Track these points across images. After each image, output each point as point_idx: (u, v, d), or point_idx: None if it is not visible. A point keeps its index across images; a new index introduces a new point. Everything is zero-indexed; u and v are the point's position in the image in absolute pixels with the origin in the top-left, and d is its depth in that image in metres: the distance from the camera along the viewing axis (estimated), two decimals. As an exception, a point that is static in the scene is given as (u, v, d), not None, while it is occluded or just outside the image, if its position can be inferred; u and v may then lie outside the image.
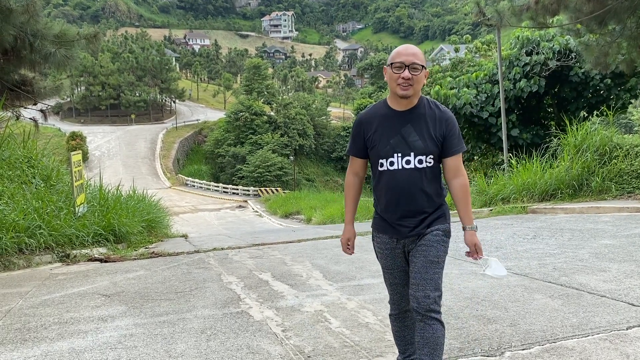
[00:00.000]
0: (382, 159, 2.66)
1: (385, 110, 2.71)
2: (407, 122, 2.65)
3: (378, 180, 2.72)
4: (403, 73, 2.58)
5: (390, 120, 2.67)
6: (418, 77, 2.60)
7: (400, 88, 2.60)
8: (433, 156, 2.64)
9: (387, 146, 2.64)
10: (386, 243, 2.76)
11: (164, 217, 13.23)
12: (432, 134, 2.63)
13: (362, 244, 7.90)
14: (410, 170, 2.62)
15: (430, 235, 2.65)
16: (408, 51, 2.63)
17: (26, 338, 3.85)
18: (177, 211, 30.70)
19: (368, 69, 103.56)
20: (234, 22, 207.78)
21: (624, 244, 6.15)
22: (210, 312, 4.38)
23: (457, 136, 2.68)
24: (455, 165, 2.70)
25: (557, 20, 13.81)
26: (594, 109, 17.39)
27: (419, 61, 2.59)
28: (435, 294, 2.59)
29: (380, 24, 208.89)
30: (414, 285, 2.62)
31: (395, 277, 2.79)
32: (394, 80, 2.61)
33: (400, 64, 2.59)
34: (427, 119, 2.65)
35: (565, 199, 10.05)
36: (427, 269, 2.61)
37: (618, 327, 3.58)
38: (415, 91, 2.61)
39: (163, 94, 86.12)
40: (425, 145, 2.61)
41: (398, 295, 2.83)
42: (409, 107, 2.67)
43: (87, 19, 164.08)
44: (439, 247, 2.65)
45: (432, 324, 2.56)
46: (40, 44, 9.41)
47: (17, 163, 9.03)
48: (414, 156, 2.61)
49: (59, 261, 6.90)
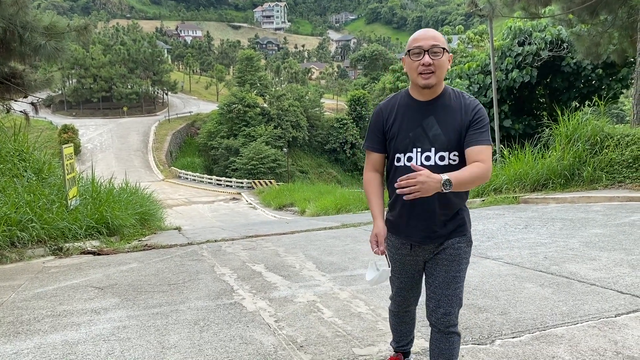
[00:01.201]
0: (400, 153, 2.40)
1: (406, 100, 2.46)
2: (429, 113, 2.39)
3: (393, 177, 2.42)
4: (423, 59, 2.31)
5: (412, 111, 2.42)
6: (440, 62, 2.32)
7: (421, 77, 2.33)
8: (457, 153, 2.36)
9: (406, 139, 2.38)
10: (397, 247, 2.55)
11: (157, 209, 13.21)
12: (456, 126, 2.35)
13: (354, 234, 7.96)
14: (430, 167, 2.29)
15: (452, 249, 2.42)
16: (426, 35, 2.35)
17: (19, 331, 3.86)
18: (171, 204, 30.64)
19: (361, 60, 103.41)
20: (226, 14, 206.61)
21: (614, 233, 6.21)
22: (204, 304, 4.39)
23: (484, 127, 2.36)
24: (479, 151, 2.31)
25: (549, 11, 13.82)
26: (586, 99, 17.48)
27: (439, 43, 2.31)
28: (456, 309, 2.43)
29: (373, 15, 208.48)
30: (433, 300, 2.44)
31: (402, 281, 2.62)
32: (413, 69, 2.35)
33: (419, 49, 2.31)
34: (452, 110, 2.38)
35: (557, 188, 10.12)
36: (448, 285, 2.41)
37: (607, 315, 3.63)
38: (438, 79, 2.34)
39: (155, 86, 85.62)
40: (448, 139, 2.34)
41: (401, 298, 2.68)
42: (431, 97, 2.40)
43: (78, 10, 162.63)
44: (461, 261, 2.43)
45: (450, 337, 2.45)
46: (30, 36, 9.33)
47: (8, 156, 8.97)
48: (434, 152, 2.34)
49: (52, 254, 6.89)
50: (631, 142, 9.71)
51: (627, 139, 9.83)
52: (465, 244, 2.45)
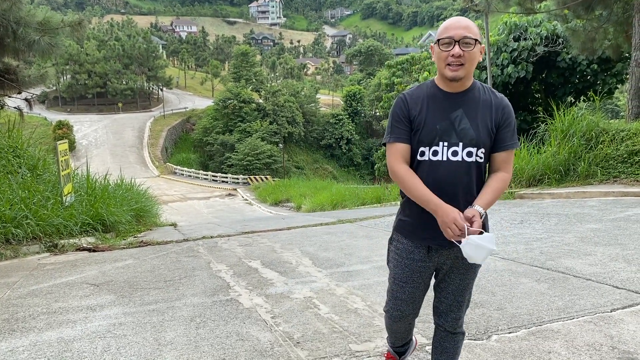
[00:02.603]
0: (425, 146, 2.23)
1: (433, 91, 2.30)
2: (458, 106, 2.24)
3: (414, 172, 2.28)
4: (453, 50, 2.17)
5: (440, 102, 2.26)
6: (471, 54, 2.18)
7: (449, 69, 2.19)
8: (484, 150, 2.24)
9: (433, 132, 2.22)
10: (409, 251, 2.34)
11: (153, 206, 13.18)
12: (487, 122, 2.23)
13: (350, 230, 7.96)
14: (457, 163, 2.20)
15: None
16: (458, 24, 2.19)
17: (14, 328, 3.84)
18: (166, 200, 30.58)
19: (357, 56, 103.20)
20: (221, 9, 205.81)
21: (609, 228, 6.23)
22: (200, 300, 4.38)
23: (512, 129, 2.28)
24: (504, 160, 2.27)
25: (544, 6, 13.82)
26: (581, 94, 17.53)
27: (471, 34, 2.16)
28: (466, 311, 2.44)
29: (368, 10, 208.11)
30: (444, 305, 2.40)
31: (405, 292, 2.39)
32: (442, 59, 2.21)
33: (449, 39, 2.17)
34: (483, 106, 2.25)
35: (552, 184, 10.14)
36: (462, 292, 2.37)
37: (603, 310, 3.64)
38: (467, 72, 2.21)
39: (150, 82, 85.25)
40: (477, 135, 2.21)
41: (398, 313, 2.45)
42: (460, 90, 2.26)
43: (72, 6, 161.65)
44: (476, 268, 2.36)
45: (456, 337, 2.45)
46: (23, 32, 9.27)
47: (2, 153, 8.93)
48: (462, 147, 2.20)
49: (47, 251, 6.86)
50: (626, 137, 9.75)
51: (622, 134, 9.86)
52: None
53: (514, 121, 2.30)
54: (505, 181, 2.26)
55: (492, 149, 2.27)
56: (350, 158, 67.14)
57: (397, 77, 56.06)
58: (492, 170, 2.31)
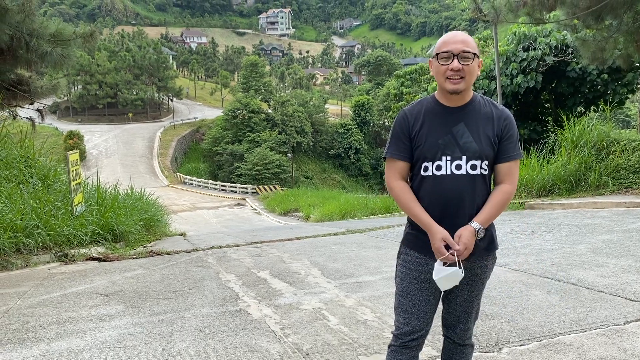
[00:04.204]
0: (428, 161, 2.24)
1: (433, 106, 2.31)
2: (459, 120, 2.26)
3: (418, 188, 2.30)
4: (451, 64, 2.19)
5: (440, 117, 2.28)
6: (470, 68, 2.20)
7: (449, 82, 2.21)
8: (488, 162, 2.25)
9: (435, 147, 2.24)
10: (418, 264, 2.32)
11: (162, 215, 13.23)
12: (488, 134, 2.25)
13: (360, 240, 7.94)
14: (461, 177, 2.22)
15: (479, 268, 2.31)
16: (456, 38, 2.23)
17: (24, 338, 3.85)
18: (176, 209, 30.67)
19: (365, 66, 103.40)
20: (230, 20, 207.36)
21: (621, 239, 6.16)
22: (209, 311, 4.38)
23: (514, 140, 2.29)
24: (507, 171, 2.29)
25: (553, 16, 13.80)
26: (591, 104, 17.43)
27: (469, 49, 2.20)
28: (474, 323, 2.44)
29: (377, 21, 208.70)
30: (453, 317, 2.39)
31: (415, 305, 2.32)
32: (441, 73, 2.23)
33: (448, 54, 2.20)
34: (484, 118, 2.27)
35: (563, 194, 10.07)
36: (471, 303, 2.36)
37: (615, 322, 3.60)
38: (467, 85, 2.23)
39: (160, 92, 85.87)
40: (480, 147, 2.22)
41: (409, 328, 2.31)
42: (461, 103, 2.28)
43: (84, 17, 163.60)
44: (485, 279, 2.36)
45: (465, 349, 2.44)
46: (36, 43, 9.38)
47: (15, 163, 9.01)
48: (465, 160, 2.22)
49: (57, 261, 6.89)
50: (637, 147, 9.67)
51: (634, 144, 9.79)
52: (492, 262, 2.37)
53: (516, 132, 2.31)
54: (508, 193, 2.28)
55: (495, 160, 2.29)
56: (359, 168, 67.07)
57: (405, 87, 56.16)
58: (496, 182, 2.33)
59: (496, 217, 2.26)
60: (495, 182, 2.34)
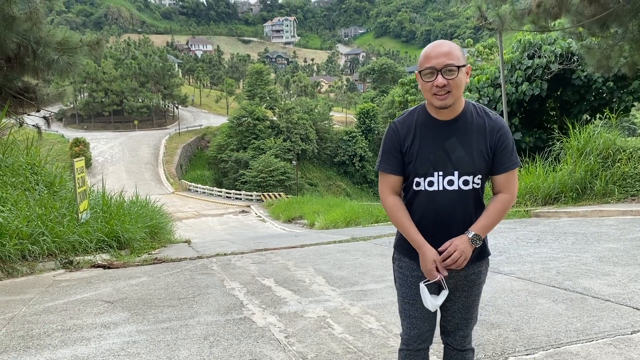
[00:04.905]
0: (420, 177, 2.22)
1: (424, 118, 2.26)
2: (451, 134, 2.21)
3: (411, 201, 2.28)
4: (436, 80, 2.12)
5: (432, 131, 2.23)
6: (456, 81, 2.12)
7: (436, 98, 2.15)
8: (481, 176, 2.22)
9: (427, 162, 2.20)
10: (412, 269, 2.33)
11: (167, 222, 13.25)
12: (481, 148, 2.20)
13: (364, 248, 7.91)
14: (454, 192, 2.19)
15: (474, 274, 2.32)
16: (439, 51, 2.13)
17: (29, 345, 3.85)
18: (180, 216, 30.71)
19: (370, 74, 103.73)
20: (236, 28, 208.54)
21: (628, 248, 6.12)
22: (213, 319, 4.37)
23: (509, 150, 2.24)
24: (505, 182, 2.25)
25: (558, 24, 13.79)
26: (597, 112, 17.36)
27: (453, 61, 2.11)
28: (473, 328, 2.45)
29: (382, 29, 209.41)
30: (452, 324, 2.40)
31: (417, 309, 2.34)
32: (427, 90, 2.17)
33: (431, 70, 2.13)
34: (476, 131, 2.21)
35: (569, 202, 10.02)
36: (468, 309, 2.37)
37: (623, 332, 3.57)
38: (455, 97, 2.15)
39: (166, 99, 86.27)
40: (472, 162, 2.19)
41: (416, 332, 2.36)
42: (452, 117, 2.22)
43: (90, 25, 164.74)
44: (480, 285, 2.37)
45: (465, 354, 2.45)
46: (43, 51, 9.44)
47: (21, 170, 9.04)
48: (458, 176, 2.19)
49: (62, 268, 6.91)
50: (644, 155, 9.62)
51: (640, 152, 9.74)
52: (485, 267, 2.38)
53: (511, 142, 2.26)
54: (506, 202, 2.25)
55: (491, 171, 2.25)
56: (364, 175, 67.03)
57: (410, 95, 56.15)
58: (494, 191, 2.31)
59: (494, 226, 2.25)
60: (493, 192, 2.32)
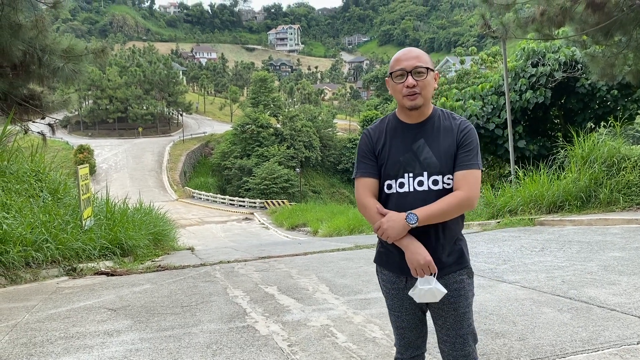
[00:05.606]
0: (391, 179, 2.29)
1: (394, 124, 2.37)
2: (419, 136, 2.30)
3: (384, 205, 2.30)
4: (406, 81, 2.24)
5: (401, 134, 2.32)
6: (424, 82, 2.24)
7: (407, 99, 2.25)
8: (451, 176, 2.26)
9: (397, 164, 2.28)
10: (393, 282, 2.36)
11: (171, 229, 13.26)
12: (448, 148, 2.27)
13: (368, 256, 7.89)
14: (424, 192, 2.23)
15: (455, 283, 2.28)
16: (410, 54, 2.27)
17: (32, 353, 3.84)
18: (184, 224, 30.72)
19: (374, 81, 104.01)
20: (240, 36, 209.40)
21: (633, 257, 6.08)
22: (216, 327, 4.36)
23: (470, 150, 2.27)
24: (462, 179, 2.24)
25: (562, 32, 13.80)
26: (601, 120, 17.33)
27: (422, 64, 2.24)
28: (473, 345, 2.35)
29: (385, 37, 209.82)
30: (448, 343, 2.33)
31: (403, 320, 2.38)
32: (398, 91, 2.27)
33: (402, 71, 2.25)
34: (443, 132, 2.30)
35: (573, 210, 9.98)
36: (460, 324, 2.30)
37: (629, 342, 3.53)
38: (425, 99, 2.26)
39: (170, 107, 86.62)
40: (440, 162, 2.25)
41: (405, 341, 2.41)
42: (420, 120, 2.32)
43: (95, 33, 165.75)
44: (467, 295, 2.31)
45: None
46: (48, 59, 9.50)
47: (25, 177, 9.07)
48: (427, 176, 2.24)
49: (66, 275, 6.91)
50: (649, 163, 9.58)
51: (645, 160, 9.70)
52: (467, 276, 2.33)
53: (475, 143, 2.30)
54: (460, 198, 2.21)
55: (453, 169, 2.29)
56: (367, 183, 66.94)
57: (414, 103, 56.07)
58: (453, 189, 2.28)
59: (439, 215, 2.20)
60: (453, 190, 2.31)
